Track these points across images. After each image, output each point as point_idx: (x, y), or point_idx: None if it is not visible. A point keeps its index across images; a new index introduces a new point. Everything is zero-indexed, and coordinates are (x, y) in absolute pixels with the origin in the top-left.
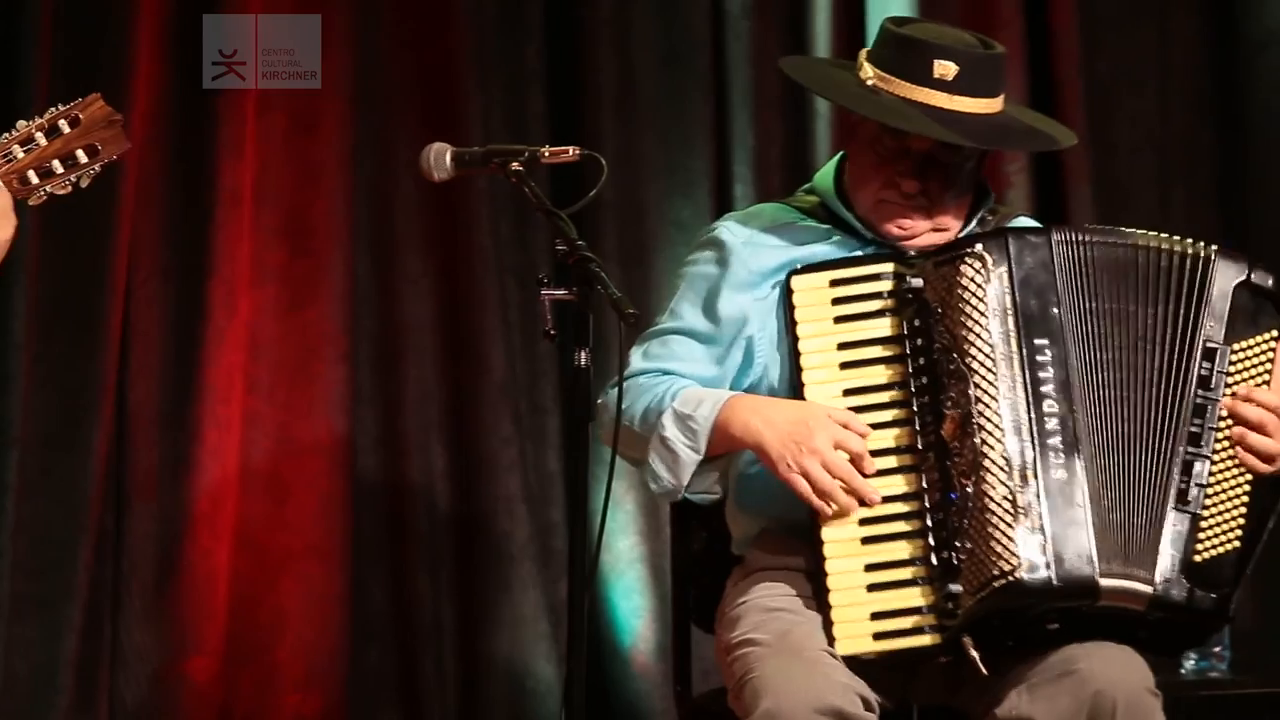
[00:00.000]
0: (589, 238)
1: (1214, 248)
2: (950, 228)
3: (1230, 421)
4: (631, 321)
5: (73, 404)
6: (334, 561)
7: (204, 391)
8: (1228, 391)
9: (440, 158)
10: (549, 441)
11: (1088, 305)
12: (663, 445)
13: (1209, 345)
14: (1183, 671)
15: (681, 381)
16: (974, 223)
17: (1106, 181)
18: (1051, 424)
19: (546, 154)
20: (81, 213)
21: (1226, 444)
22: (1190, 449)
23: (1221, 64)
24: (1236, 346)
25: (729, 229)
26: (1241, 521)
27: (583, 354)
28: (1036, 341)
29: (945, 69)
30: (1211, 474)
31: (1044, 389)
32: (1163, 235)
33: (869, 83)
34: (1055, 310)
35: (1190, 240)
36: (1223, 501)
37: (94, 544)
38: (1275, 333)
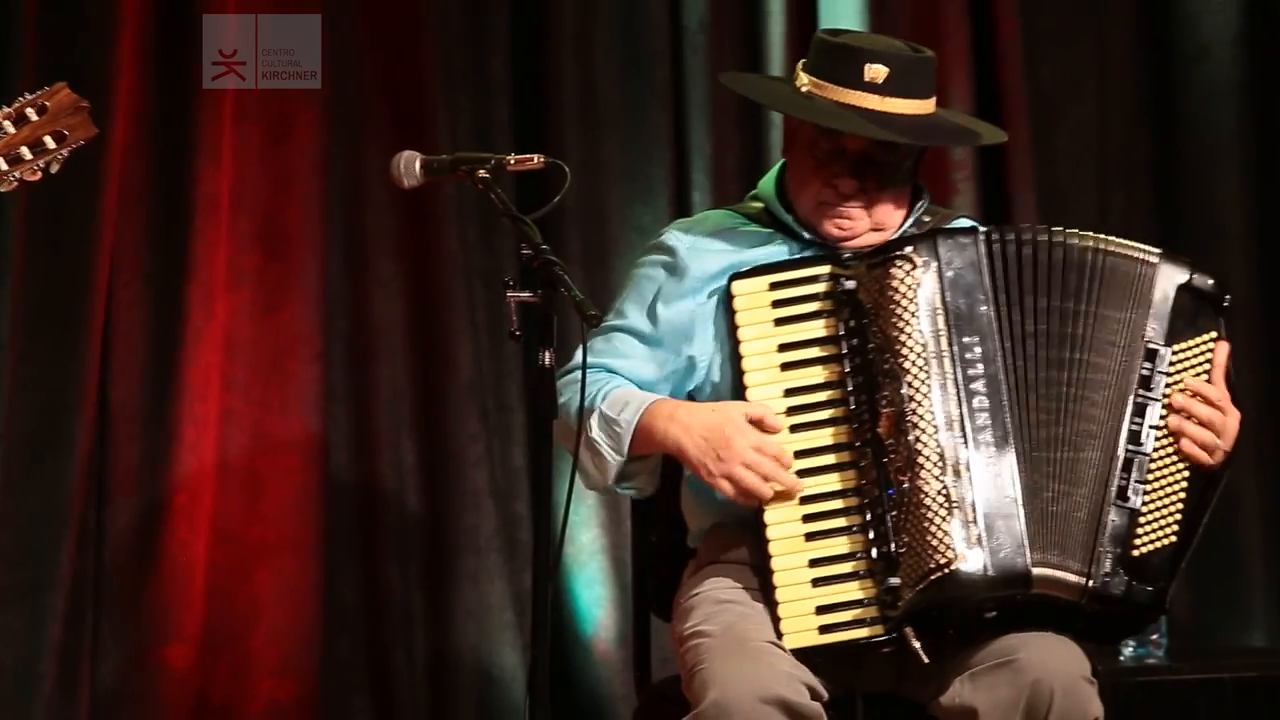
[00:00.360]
0: (553, 242)
1: (1159, 251)
2: (888, 226)
3: (1168, 422)
4: (594, 323)
5: (56, 402)
6: (307, 554)
7: (182, 390)
8: (1167, 392)
9: (410, 165)
10: (514, 438)
11: (1018, 303)
12: (589, 445)
13: (1150, 347)
14: (1121, 659)
15: (616, 381)
16: (910, 223)
17: (1049, 188)
18: (982, 419)
19: (512, 161)
20: (66, 218)
21: (1165, 443)
22: (1130, 446)
23: (1158, 74)
24: (1177, 348)
25: (675, 235)
26: (1178, 517)
27: (547, 354)
28: (965, 340)
29: (876, 72)
30: (1150, 471)
31: (974, 385)
32: (1101, 236)
33: (804, 90)
34: (984, 309)
35: (1137, 243)
36: (1161, 498)
37: (76, 537)
38: (1214, 334)
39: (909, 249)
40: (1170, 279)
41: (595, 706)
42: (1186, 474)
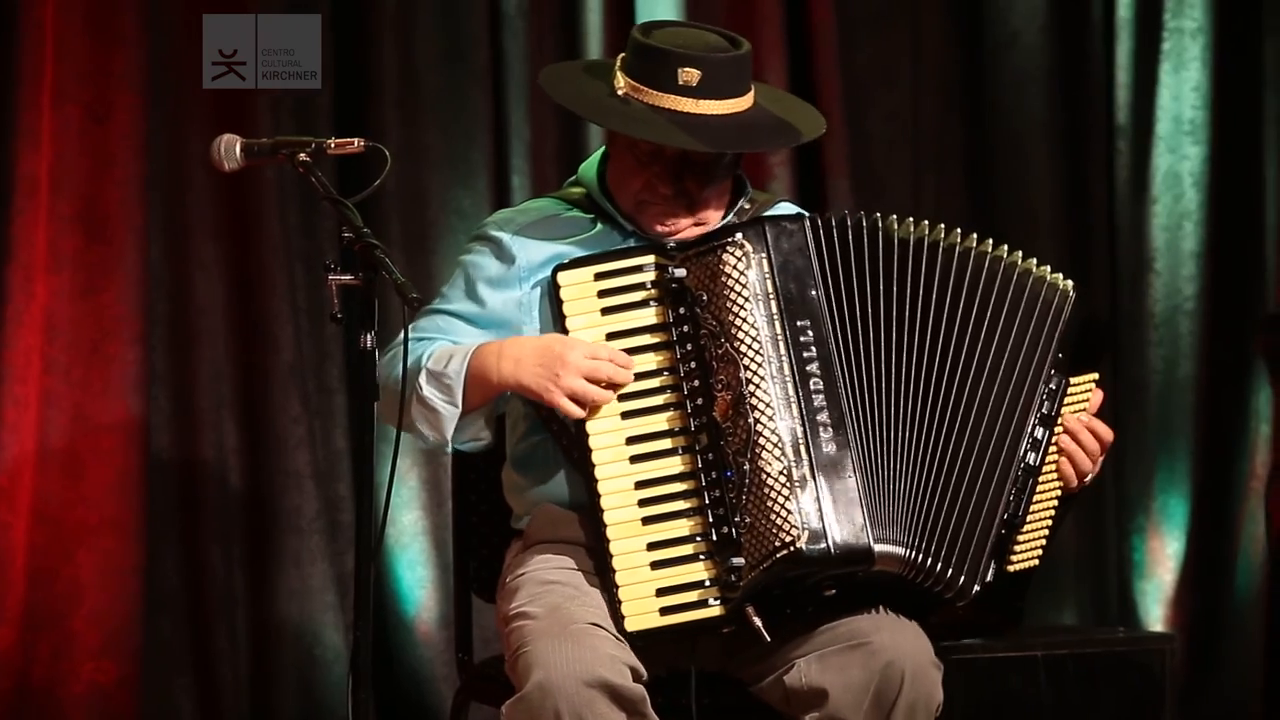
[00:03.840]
0: (374, 225)
1: (1072, 283)
2: (710, 220)
3: (1060, 442)
4: (415, 305)
5: None
6: (129, 535)
7: (2, 372)
8: (1063, 413)
9: (230, 148)
10: (336, 420)
11: (848, 288)
12: (421, 404)
13: (1050, 382)
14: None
15: (438, 342)
16: (732, 213)
17: (863, 172)
18: (818, 400)
19: (332, 145)
20: None
21: (1049, 462)
22: (1029, 458)
23: (969, 61)
24: (1063, 399)
25: (498, 224)
26: (1044, 535)
27: (368, 336)
28: (798, 323)
29: (689, 75)
30: (1039, 486)
31: (809, 368)
32: (925, 222)
33: (621, 92)
34: (814, 293)
35: (1045, 269)
36: (1036, 515)
37: None
38: (1095, 376)
39: (738, 235)
40: (1078, 311)
41: (417, 687)
42: (1059, 493)
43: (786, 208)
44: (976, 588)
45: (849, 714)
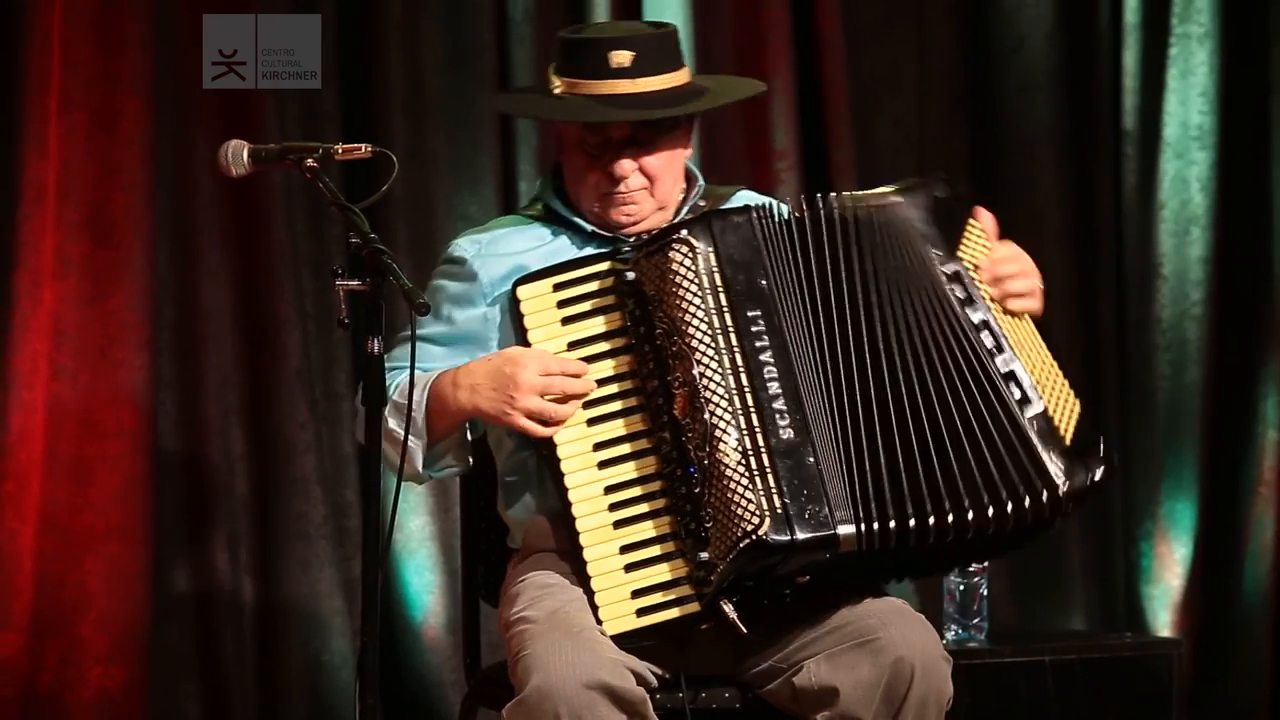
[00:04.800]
0: (381, 231)
1: (894, 188)
2: (671, 203)
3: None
4: (422, 311)
5: None
6: (136, 541)
7: (9, 378)
8: (988, 297)
9: (238, 154)
10: (343, 425)
11: (795, 275)
12: (390, 439)
13: (947, 271)
14: (944, 642)
15: (403, 375)
16: (686, 210)
17: (869, 179)
18: (773, 388)
19: (340, 151)
20: None
21: (1018, 334)
22: (998, 361)
23: (976, 67)
24: (960, 252)
25: (462, 245)
26: (1062, 379)
27: (375, 342)
28: (749, 313)
29: (622, 57)
30: (1028, 365)
31: (762, 356)
32: (856, 194)
33: (558, 92)
34: (764, 282)
35: (878, 190)
36: (1055, 394)
37: None
38: (972, 214)
39: (684, 232)
40: (919, 206)
41: (425, 693)
42: (1042, 344)
43: (747, 196)
44: (1084, 481)
45: (860, 711)
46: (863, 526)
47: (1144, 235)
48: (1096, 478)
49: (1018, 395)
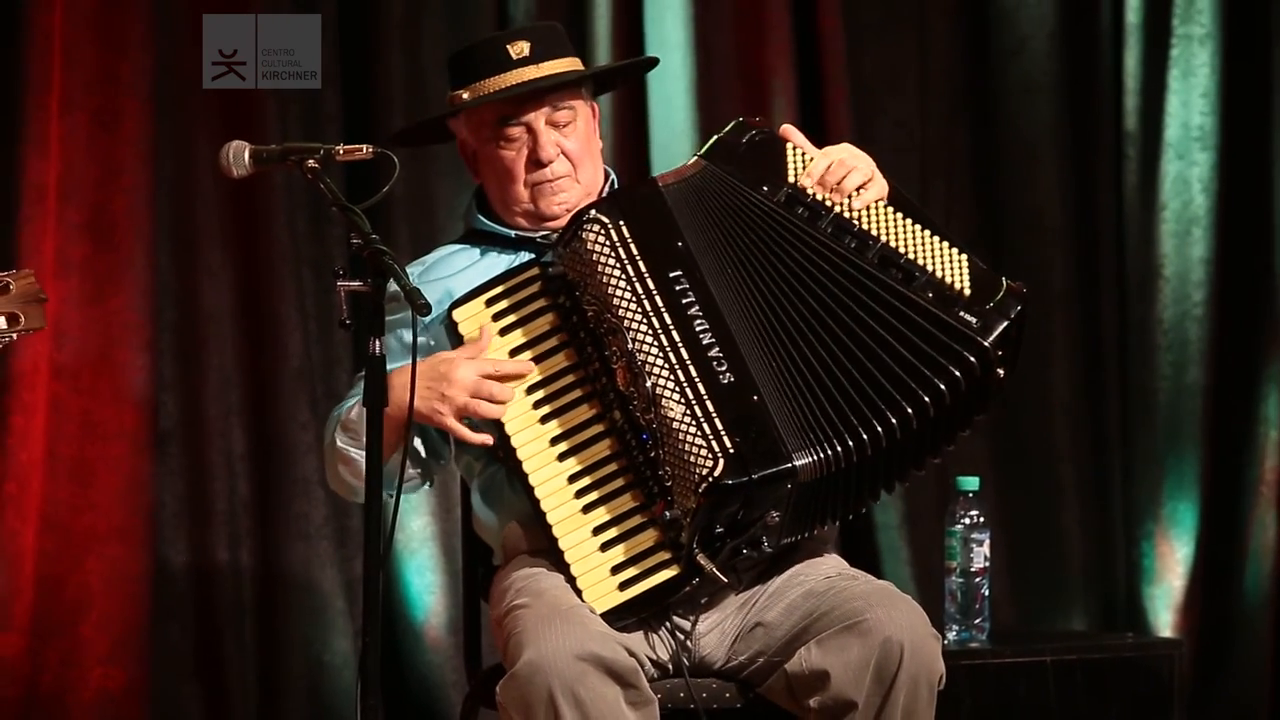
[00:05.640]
0: (382, 232)
1: (697, 155)
2: (596, 186)
3: (859, 209)
4: (424, 312)
5: None
6: (137, 542)
7: (10, 379)
8: (831, 204)
9: (239, 155)
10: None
11: (707, 230)
12: (345, 461)
13: (781, 199)
14: (945, 642)
15: (353, 400)
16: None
17: None
18: (706, 339)
19: (341, 152)
20: None
21: (877, 222)
22: (870, 255)
23: (977, 68)
24: (790, 178)
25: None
26: (946, 243)
27: (376, 342)
28: (671, 274)
29: (520, 48)
30: (899, 248)
31: (690, 312)
32: (699, 152)
33: (464, 97)
34: (679, 244)
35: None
36: (926, 248)
37: None
38: (788, 144)
39: (593, 212)
40: (726, 160)
41: (426, 693)
42: (904, 217)
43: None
44: (1003, 321)
45: (852, 693)
46: (816, 452)
47: (1145, 236)
48: (1014, 313)
49: (900, 275)
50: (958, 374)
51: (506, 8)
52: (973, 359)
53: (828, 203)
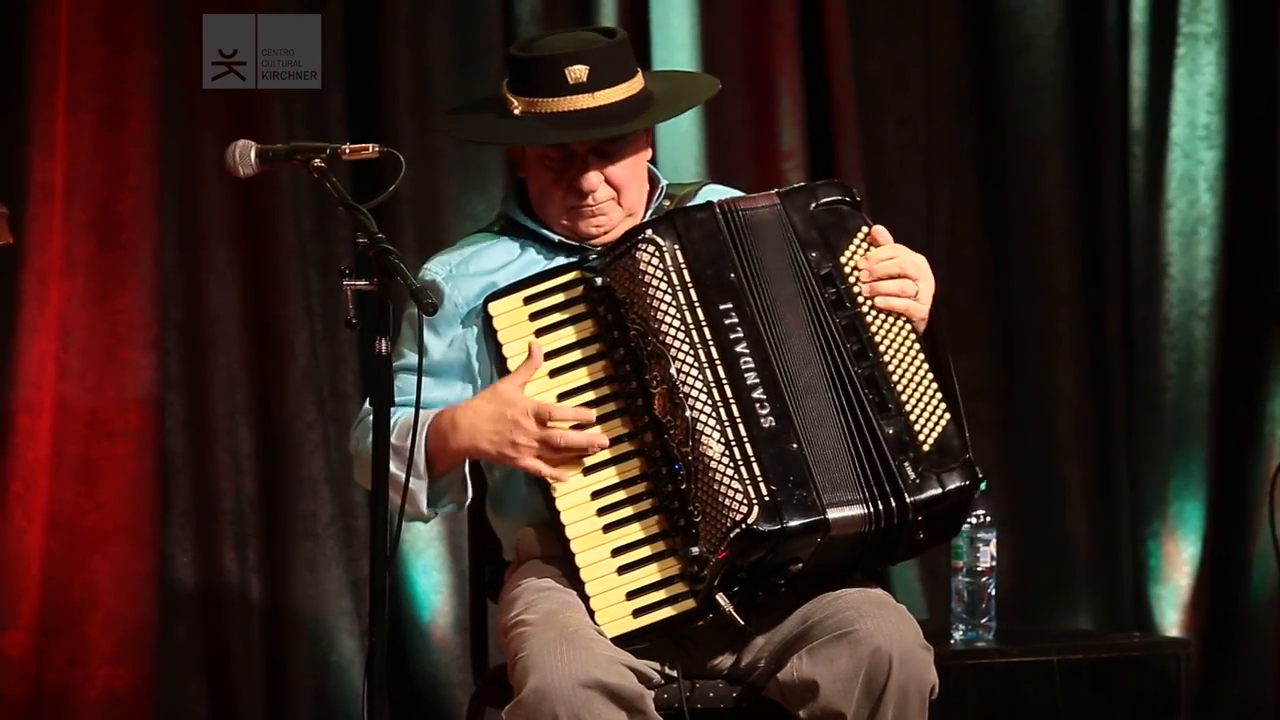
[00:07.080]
0: (388, 231)
1: (776, 191)
2: (639, 210)
3: (880, 317)
4: (430, 311)
5: None
6: (143, 541)
7: (17, 378)
8: (861, 300)
9: (245, 154)
10: (351, 425)
11: (756, 264)
12: (394, 485)
13: (822, 272)
14: (951, 642)
15: (399, 414)
16: (651, 210)
17: (876, 178)
18: (751, 379)
19: (347, 151)
20: None
21: (888, 339)
22: (860, 366)
23: (982, 67)
24: (843, 259)
25: (434, 269)
26: (940, 395)
27: (383, 341)
28: (721, 306)
29: (579, 73)
30: (892, 374)
31: (738, 349)
32: (780, 189)
33: (517, 111)
34: (732, 275)
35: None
36: (915, 388)
37: None
38: (864, 229)
39: (649, 233)
40: (799, 208)
41: (432, 692)
42: (922, 356)
43: (712, 191)
44: (933, 490)
45: (840, 703)
46: (849, 509)
47: (1151, 235)
48: (947, 488)
49: (874, 400)
50: (878, 509)
51: (512, 7)
52: (892, 506)
53: (860, 299)
